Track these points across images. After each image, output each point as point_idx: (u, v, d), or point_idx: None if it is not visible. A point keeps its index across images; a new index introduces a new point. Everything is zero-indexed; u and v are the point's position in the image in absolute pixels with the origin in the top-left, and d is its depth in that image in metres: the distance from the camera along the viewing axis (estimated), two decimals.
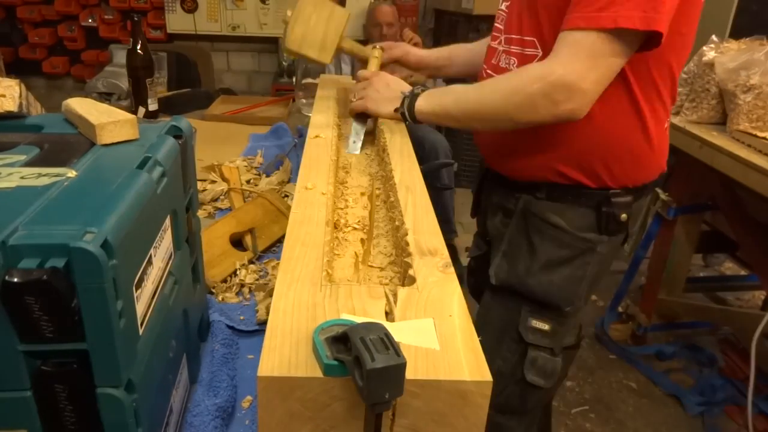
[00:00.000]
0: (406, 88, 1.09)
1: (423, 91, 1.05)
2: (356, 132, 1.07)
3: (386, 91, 1.10)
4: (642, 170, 1.02)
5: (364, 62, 1.29)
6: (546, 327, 1.07)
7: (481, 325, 1.13)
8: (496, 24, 1.09)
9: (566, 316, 1.07)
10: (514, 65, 1.01)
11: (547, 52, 0.92)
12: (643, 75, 0.93)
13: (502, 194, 1.12)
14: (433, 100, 1.03)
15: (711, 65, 1.71)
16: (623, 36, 0.84)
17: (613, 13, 0.82)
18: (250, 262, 0.97)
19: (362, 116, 1.11)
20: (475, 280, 1.34)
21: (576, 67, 0.85)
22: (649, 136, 0.98)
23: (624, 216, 1.02)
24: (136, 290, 0.45)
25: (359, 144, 1.04)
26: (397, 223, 0.71)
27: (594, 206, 1.02)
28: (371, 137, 1.10)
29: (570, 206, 1.03)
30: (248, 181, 1.27)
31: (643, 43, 0.86)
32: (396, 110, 1.06)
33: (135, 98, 1.66)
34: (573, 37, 0.86)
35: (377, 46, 1.28)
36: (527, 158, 1.04)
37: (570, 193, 1.03)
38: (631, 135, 0.98)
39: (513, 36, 1.01)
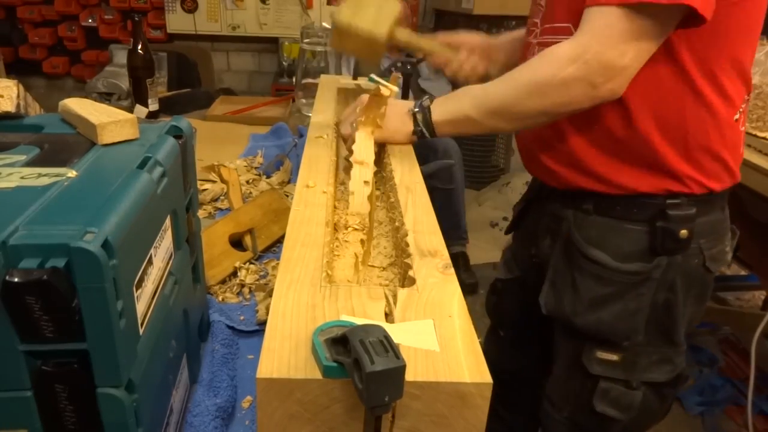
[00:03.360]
0: (408, 105, 0.95)
1: (431, 101, 0.93)
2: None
3: (396, 116, 0.94)
4: (707, 167, 0.88)
5: (425, 54, 1.15)
6: (614, 358, 0.96)
7: (555, 355, 1.06)
8: (531, 19, 0.98)
9: (636, 349, 0.95)
10: None
11: None
12: (699, 62, 0.83)
13: (550, 212, 1.01)
14: (448, 107, 0.91)
15: None
16: (651, 12, 0.76)
17: None
18: (250, 262, 0.97)
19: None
20: (498, 302, 1.25)
21: (612, 42, 0.77)
22: (718, 123, 0.85)
23: (684, 233, 0.88)
24: (137, 290, 0.45)
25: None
26: (397, 223, 0.71)
27: (647, 220, 0.89)
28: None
29: (618, 225, 0.91)
30: (248, 182, 1.27)
31: (683, 21, 0.78)
32: (414, 133, 0.93)
33: (135, 98, 1.67)
34: (600, 13, 0.78)
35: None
36: (562, 158, 0.93)
37: (619, 204, 0.91)
38: (690, 119, 0.85)
39: (547, 26, 0.92)
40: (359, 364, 0.38)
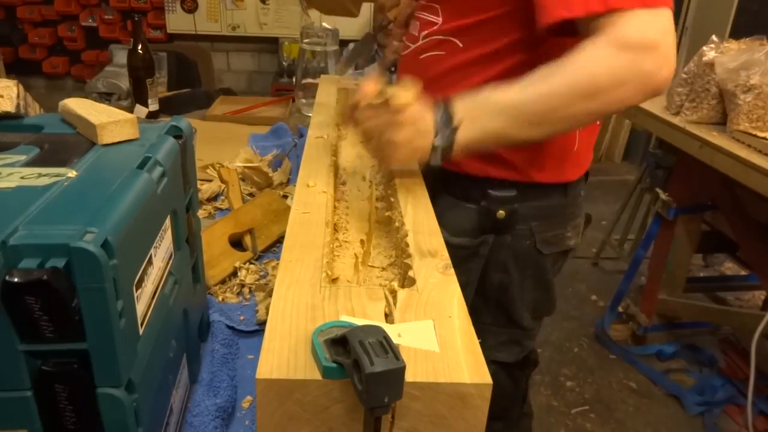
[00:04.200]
0: (429, 128, 0.76)
1: (460, 120, 0.76)
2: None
3: (417, 137, 0.76)
4: (528, 158, 0.92)
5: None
6: None
7: None
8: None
9: (482, 327, 0.97)
10: (416, 29, 0.96)
11: (448, 17, 0.88)
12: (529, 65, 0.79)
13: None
14: (477, 127, 0.77)
15: (711, 65, 1.71)
16: None
17: None
18: (250, 262, 0.97)
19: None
20: None
21: (653, 25, 0.74)
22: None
23: (502, 213, 0.94)
24: (137, 290, 0.45)
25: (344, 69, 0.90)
26: (397, 223, 0.71)
27: (476, 200, 0.96)
28: None
29: (457, 204, 0.98)
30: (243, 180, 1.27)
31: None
32: (429, 162, 0.78)
33: (136, 98, 1.67)
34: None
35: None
36: None
37: (460, 184, 0.97)
38: None
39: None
40: (359, 365, 0.38)
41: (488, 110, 0.77)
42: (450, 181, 0.98)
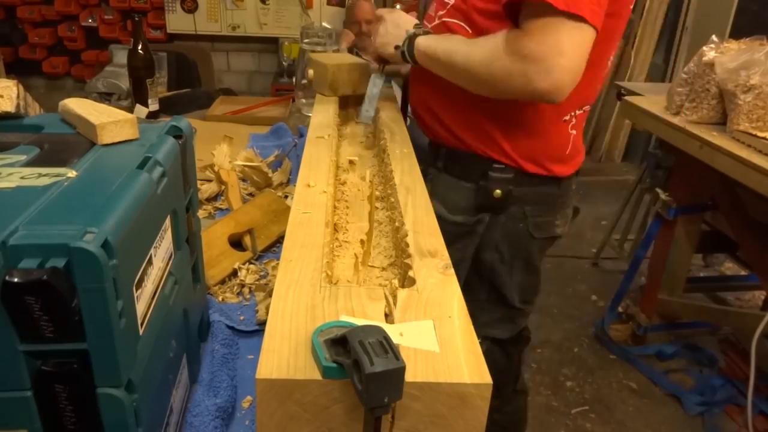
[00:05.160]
0: (407, 25, 1.07)
1: (425, 33, 1.02)
2: (371, 93, 1.08)
3: (395, 30, 1.08)
4: (524, 153, 1.00)
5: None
6: None
7: None
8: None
9: (477, 304, 1.04)
10: (433, 9, 1.05)
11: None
12: None
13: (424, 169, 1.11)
14: (429, 43, 0.99)
15: (711, 65, 1.70)
16: None
17: None
18: (250, 262, 0.97)
19: (382, 63, 1.13)
20: None
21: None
22: (542, 120, 0.98)
23: (498, 192, 1.01)
24: (137, 290, 0.45)
25: (372, 112, 1.04)
26: (397, 223, 0.71)
27: (475, 180, 1.03)
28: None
29: (457, 183, 1.05)
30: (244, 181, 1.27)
31: None
32: (396, 48, 1.05)
33: (136, 98, 1.66)
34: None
35: None
36: (430, 114, 1.06)
37: (460, 162, 1.05)
38: (516, 108, 0.97)
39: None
40: (359, 365, 0.38)
41: (442, 37, 0.99)
42: (452, 160, 1.07)
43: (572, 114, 1.02)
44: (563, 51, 0.78)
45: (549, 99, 0.83)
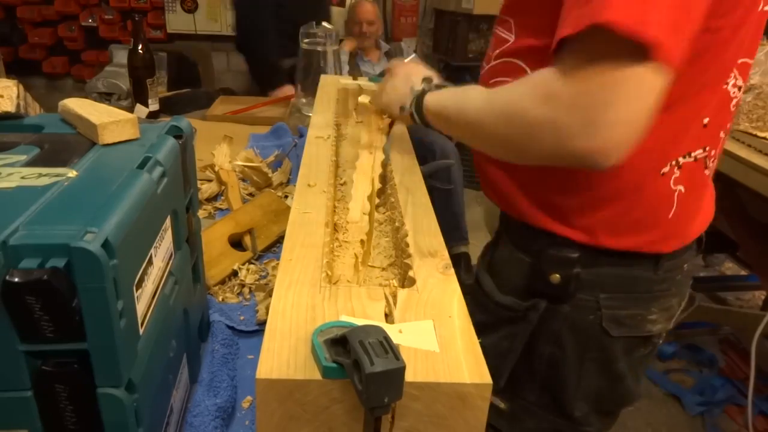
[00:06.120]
0: (417, 78, 0.90)
1: (438, 87, 0.84)
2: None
3: (404, 86, 0.90)
4: (600, 219, 0.75)
5: None
6: (501, 405, 0.86)
7: None
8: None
9: (524, 404, 0.86)
10: (491, 48, 0.83)
11: (520, 35, 0.75)
12: None
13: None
14: (440, 100, 0.81)
15: None
16: None
17: None
18: (250, 262, 0.97)
19: (389, 126, 1.00)
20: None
21: None
22: (631, 173, 0.72)
23: (556, 277, 0.78)
24: (137, 290, 0.45)
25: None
26: (397, 224, 0.71)
27: (534, 254, 0.81)
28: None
29: (514, 253, 0.84)
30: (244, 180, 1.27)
31: None
32: (402, 109, 0.89)
33: (136, 98, 1.67)
34: None
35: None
36: (484, 177, 0.88)
37: (518, 234, 0.84)
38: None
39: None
40: (359, 365, 0.38)
41: (453, 92, 0.81)
42: (511, 225, 0.86)
43: (673, 163, 0.73)
44: (616, 97, 0.55)
45: (593, 164, 0.59)
